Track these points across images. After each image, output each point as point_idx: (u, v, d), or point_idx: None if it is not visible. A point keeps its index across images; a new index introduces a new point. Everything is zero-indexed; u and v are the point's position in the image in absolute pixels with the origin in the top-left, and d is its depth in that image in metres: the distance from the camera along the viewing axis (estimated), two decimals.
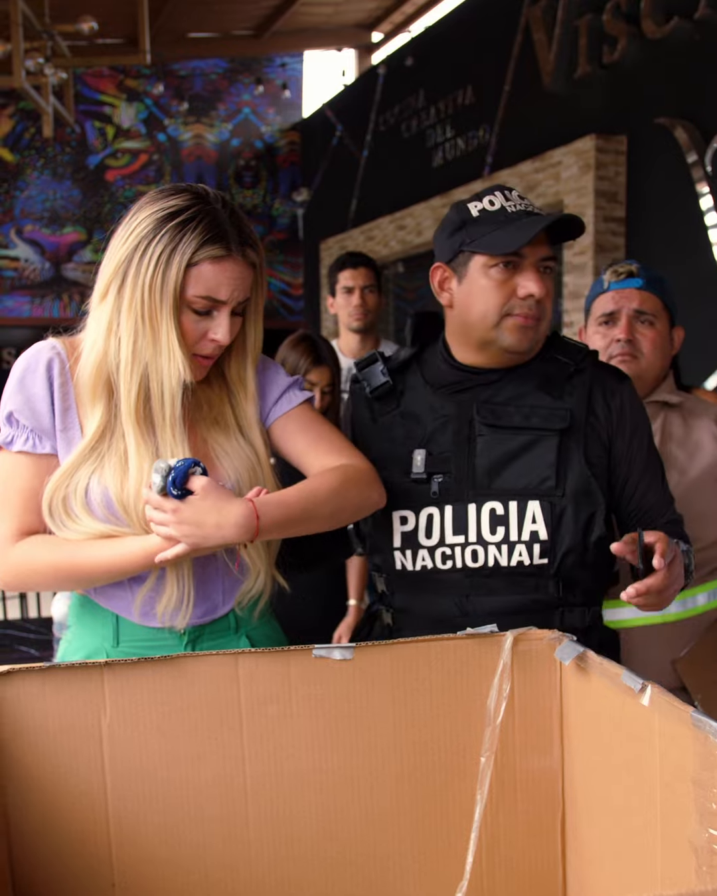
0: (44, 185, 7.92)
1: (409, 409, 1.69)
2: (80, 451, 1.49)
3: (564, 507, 1.60)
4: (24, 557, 1.48)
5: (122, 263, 1.46)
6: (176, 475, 1.37)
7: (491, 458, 1.62)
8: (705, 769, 0.98)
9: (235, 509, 1.39)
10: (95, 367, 1.48)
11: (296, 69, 8.53)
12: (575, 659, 1.26)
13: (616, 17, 4.56)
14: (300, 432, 1.60)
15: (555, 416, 1.61)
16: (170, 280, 1.43)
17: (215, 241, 1.45)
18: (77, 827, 1.27)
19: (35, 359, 1.52)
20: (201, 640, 1.55)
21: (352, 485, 1.53)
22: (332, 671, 1.31)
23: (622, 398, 1.67)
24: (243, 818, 1.30)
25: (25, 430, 1.50)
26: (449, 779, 1.34)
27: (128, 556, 1.45)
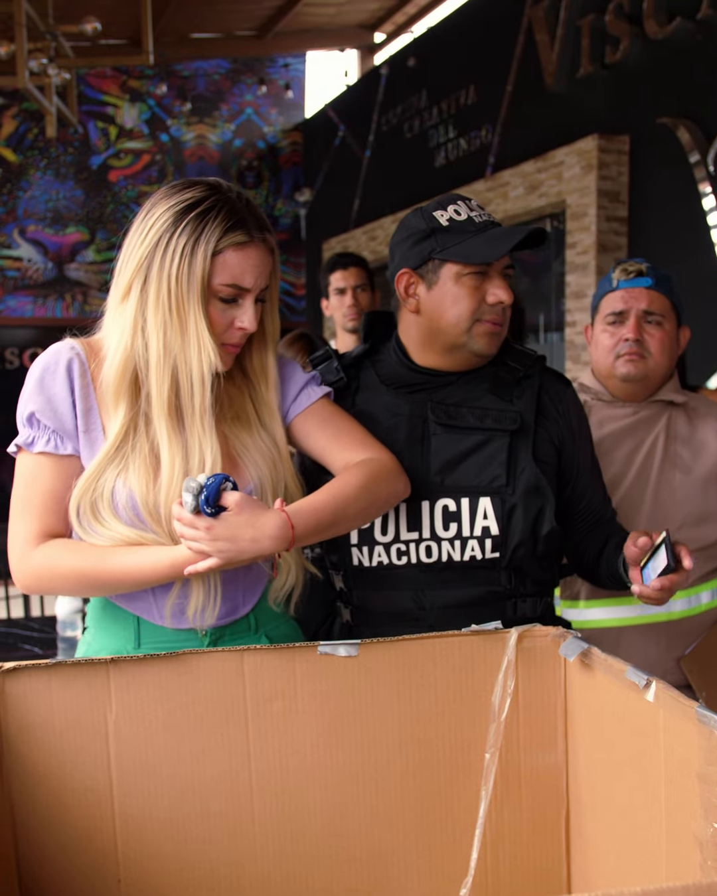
0: (47, 185, 7.93)
1: (364, 408, 1.72)
2: (106, 453, 1.49)
3: (514, 503, 1.65)
4: (48, 561, 1.48)
5: (143, 260, 1.47)
6: (209, 493, 1.36)
7: (444, 457, 1.66)
8: (709, 764, 0.99)
9: (270, 522, 1.39)
10: (122, 366, 1.48)
11: (299, 69, 8.53)
12: (580, 655, 1.27)
13: (619, 17, 4.56)
14: (320, 428, 1.61)
15: (506, 418, 1.67)
16: (196, 270, 1.45)
17: (237, 227, 1.46)
18: (83, 823, 1.28)
19: (55, 359, 1.51)
20: (222, 640, 1.56)
21: (379, 480, 1.54)
22: (337, 668, 1.31)
23: (567, 403, 1.76)
24: (249, 814, 1.31)
25: (47, 431, 1.50)
26: (454, 775, 1.35)
27: (156, 566, 1.44)
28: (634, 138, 4.66)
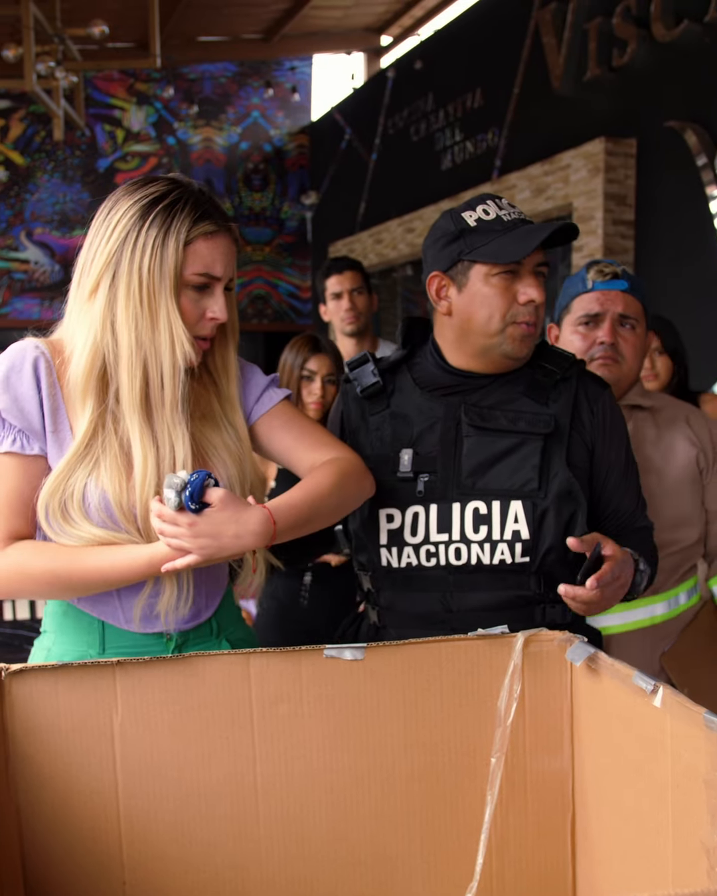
0: (54, 187, 7.94)
1: (398, 410, 1.73)
2: (74, 451, 1.47)
3: (546, 507, 1.63)
4: (17, 564, 1.44)
5: (112, 256, 1.46)
6: (193, 489, 1.35)
7: (477, 460, 1.66)
8: (716, 770, 0.98)
9: (253, 518, 1.39)
10: (89, 363, 1.46)
11: (305, 73, 8.54)
12: (586, 660, 1.27)
13: (626, 20, 4.56)
14: (284, 429, 1.61)
15: (540, 421, 1.66)
16: (168, 260, 1.45)
17: (204, 218, 1.47)
18: (88, 824, 1.28)
19: (20, 358, 1.49)
20: (187, 645, 1.55)
21: (349, 478, 1.56)
22: (343, 671, 1.31)
23: (604, 405, 1.72)
24: (254, 817, 1.31)
25: (13, 431, 1.47)
26: (459, 779, 1.34)
27: (132, 564, 1.43)
28: (641, 141, 4.66)
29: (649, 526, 1.77)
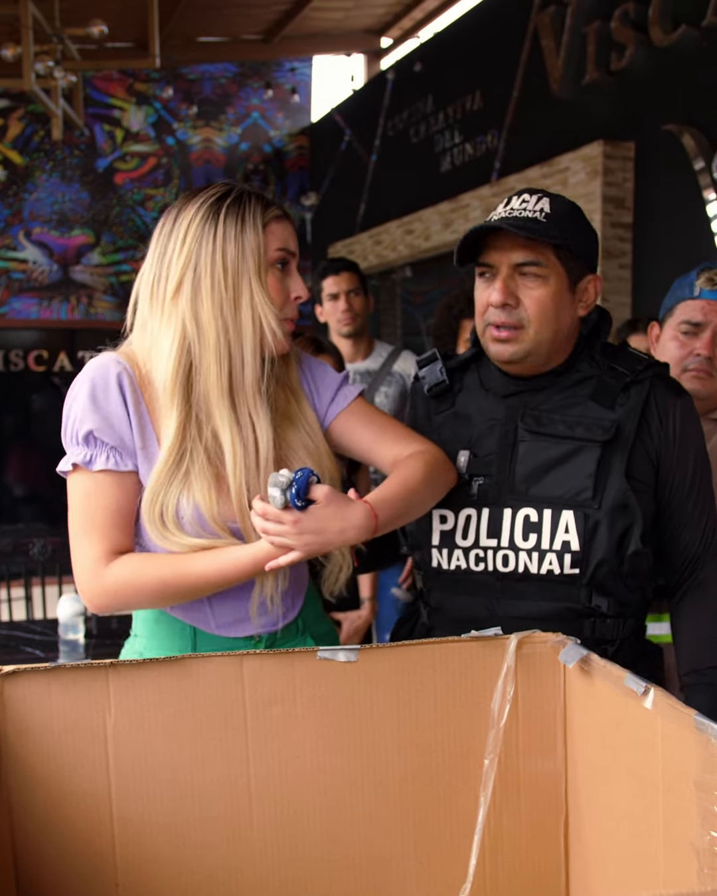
0: (52, 187, 7.94)
1: (462, 410, 1.71)
2: (164, 462, 1.48)
3: (599, 519, 1.57)
4: (125, 576, 1.47)
5: (190, 255, 1.49)
6: (299, 487, 1.37)
7: (531, 465, 1.61)
8: (707, 772, 0.99)
9: (356, 512, 1.42)
10: (176, 362, 1.48)
11: (305, 74, 8.54)
12: (579, 662, 1.27)
13: (624, 24, 4.56)
14: (364, 425, 1.63)
15: (600, 428, 1.59)
16: (250, 242, 1.49)
17: (270, 205, 1.54)
18: (81, 826, 1.28)
19: (103, 374, 1.50)
20: (276, 645, 1.59)
21: (437, 469, 1.58)
22: (336, 673, 1.31)
23: (675, 416, 1.62)
24: (247, 819, 1.31)
25: (105, 448, 1.49)
26: (453, 781, 1.35)
27: (238, 565, 1.45)
28: (639, 145, 4.66)
29: (711, 558, 1.63)
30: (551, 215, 1.59)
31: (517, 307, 1.59)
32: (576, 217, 1.64)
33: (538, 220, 1.58)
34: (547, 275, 1.59)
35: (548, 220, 1.58)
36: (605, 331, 1.68)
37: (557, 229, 1.58)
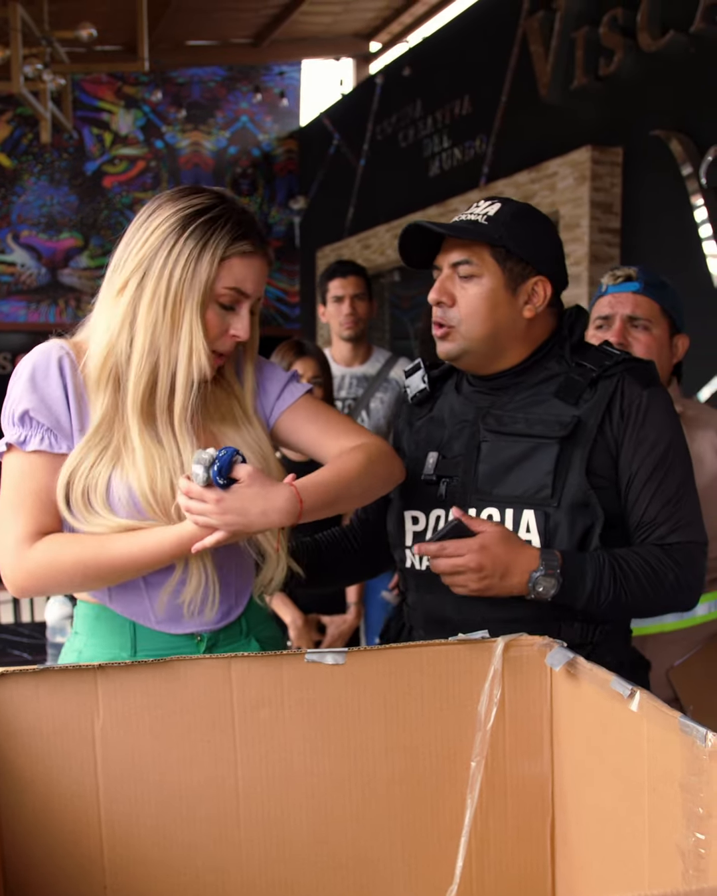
0: (41, 190, 7.92)
1: (437, 414, 1.74)
2: (85, 444, 1.48)
3: (559, 518, 1.57)
4: (47, 557, 1.46)
5: (145, 259, 1.48)
6: (221, 464, 1.37)
7: (492, 465, 1.62)
8: (692, 774, 0.99)
9: (279, 494, 1.41)
10: (103, 357, 1.49)
11: (294, 78, 8.55)
12: (565, 665, 1.27)
13: (613, 29, 4.58)
14: (309, 421, 1.63)
15: (558, 424, 1.58)
16: (201, 273, 1.47)
17: (244, 238, 1.50)
18: (69, 828, 1.28)
19: (45, 358, 1.51)
20: (217, 645, 1.57)
21: (377, 461, 1.57)
22: (324, 676, 1.31)
23: (637, 406, 1.59)
24: (235, 821, 1.31)
25: (41, 429, 1.49)
26: (439, 783, 1.35)
27: (162, 546, 1.44)
28: (627, 150, 4.68)
29: (682, 543, 1.58)
30: (493, 218, 1.63)
31: (452, 306, 1.64)
32: (523, 221, 1.65)
33: (478, 222, 1.63)
34: (480, 273, 1.62)
35: (488, 223, 1.62)
36: (579, 329, 1.68)
37: (494, 230, 1.61)
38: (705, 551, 1.61)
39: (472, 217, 1.64)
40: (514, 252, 1.62)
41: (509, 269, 1.62)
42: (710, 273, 4.20)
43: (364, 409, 3.57)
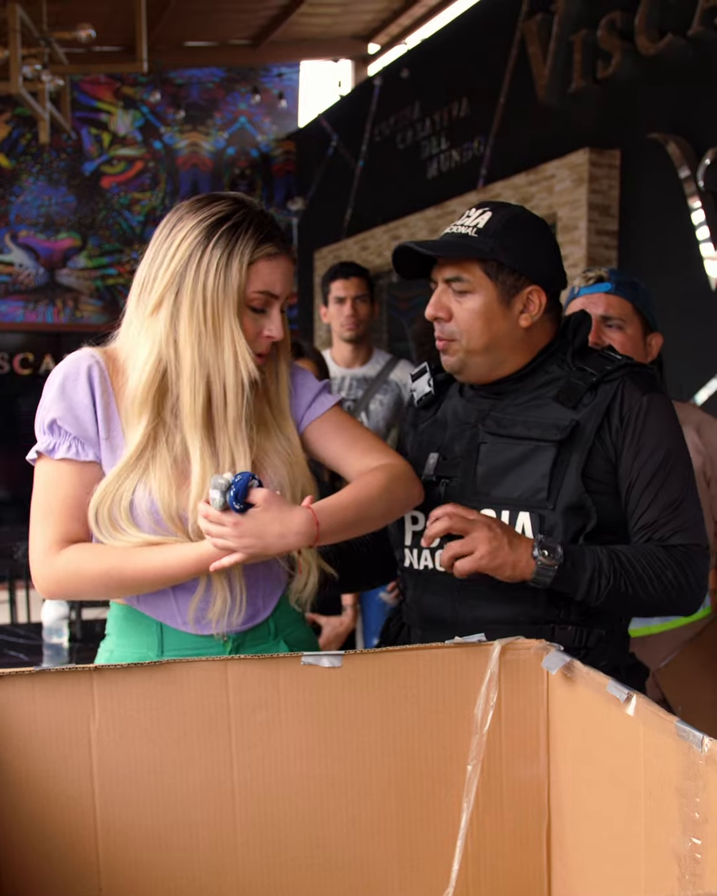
0: (39, 190, 7.92)
1: (441, 417, 1.75)
2: (126, 462, 1.50)
3: (554, 521, 1.57)
4: (72, 564, 1.49)
5: (176, 274, 1.49)
6: (238, 489, 1.39)
7: (490, 466, 1.63)
8: (688, 779, 0.99)
9: (296, 518, 1.43)
10: (151, 379, 1.50)
11: (292, 79, 8.55)
12: (562, 668, 1.28)
13: (611, 32, 4.59)
14: (336, 435, 1.64)
15: (556, 428, 1.59)
16: (232, 280, 1.48)
17: (268, 240, 1.51)
18: (65, 831, 1.28)
19: (75, 367, 1.53)
20: (244, 646, 1.58)
21: (398, 483, 1.58)
22: (320, 679, 1.31)
23: (637, 411, 1.59)
24: (231, 824, 1.31)
25: (68, 438, 1.51)
26: (436, 786, 1.35)
27: (181, 562, 1.46)
28: (625, 153, 4.69)
29: (684, 545, 1.57)
30: (483, 230, 1.62)
31: (449, 320, 1.65)
32: (514, 230, 1.64)
33: (468, 235, 1.63)
34: (473, 289, 1.63)
35: (479, 235, 1.62)
36: (582, 333, 1.69)
37: (484, 244, 1.61)
38: (707, 554, 1.60)
39: (462, 230, 1.64)
40: (506, 265, 1.62)
41: (502, 281, 1.62)
42: (707, 275, 4.20)
43: (363, 411, 3.57)
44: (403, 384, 3.57)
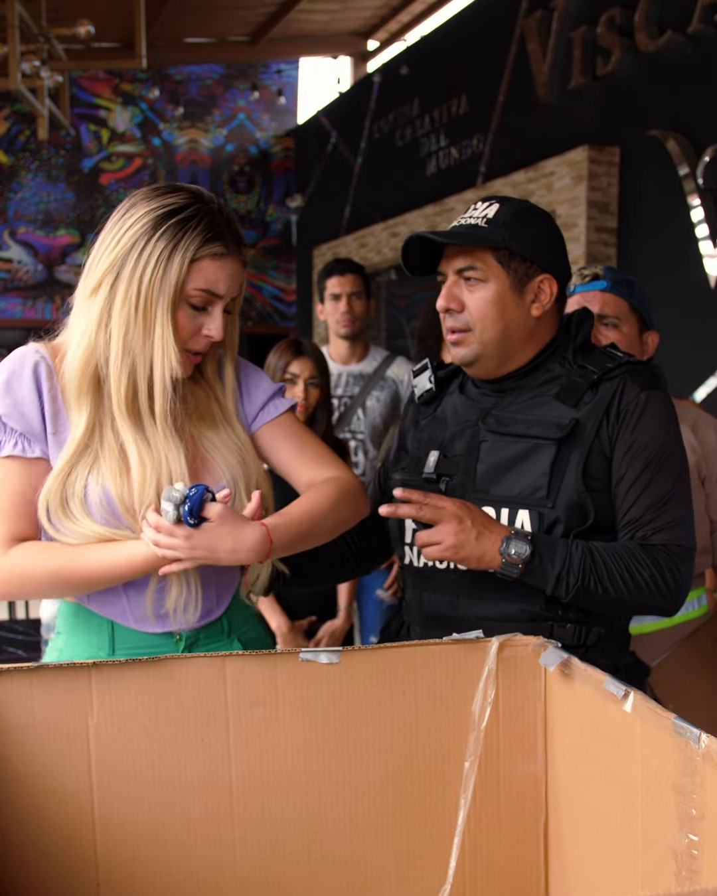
0: (38, 187, 7.92)
1: (441, 413, 1.75)
2: (72, 450, 1.48)
3: (554, 518, 1.57)
4: (19, 564, 1.46)
5: (117, 259, 1.47)
6: (193, 504, 1.36)
7: (491, 465, 1.63)
8: (685, 775, 0.99)
9: (250, 535, 1.41)
10: (83, 361, 1.48)
11: (291, 76, 8.55)
12: (560, 665, 1.27)
13: (610, 29, 4.59)
14: (286, 441, 1.62)
15: (556, 426, 1.59)
16: (171, 275, 1.46)
17: (216, 239, 1.48)
18: (63, 826, 1.28)
19: (20, 363, 1.51)
20: (197, 645, 1.57)
21: (346, 498, 1.57)
22: (318, 675, 1.31)
23: (633, 409, 1.59)
24: (229, 819, 1.31)
25: (14, 434, 1.49)
26: (433, 783, 1.35)
27: (130, 561, 1.44)
28: (624, 150, 4.69)
29: (665, 544, 1.56)
30: (493, 220, 1.63)
31: (462, 311, 1.64)
32: (523, 220, 1.64)
33: (479, 225, 1.63)
34: (486, 278, 1.62)
35: (489, 225, 1.62)
36: (584, 331, 1.68)
37: (496, 233, 1.61)
38: (690, 556, 1.59)
39: (472, 221, 1.64)
40: (517, 253, 1.62)
41: (514, 270, 1.63)
42: (706, 273, 4.20)
43: (360, 408, 3.57)
44: (399, 381, 3.57)
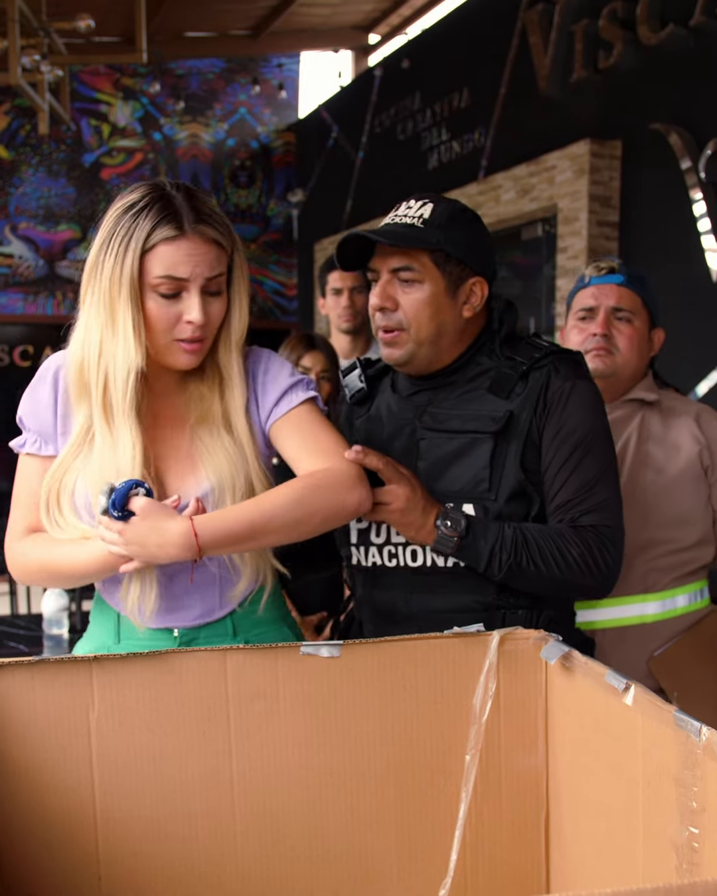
0: (38, 182, 7.90)
1: (375, 413, 1.75)
2: (68, 450, 1.55)
3: (498, 510, 1.60)
4: (21, 554, 1.58)
5: (92, 265, 1.51)
6: (116, 497, 1.41)
7: (431, 462, 1.65)
8: (686, 768, 1.00)
9: (173, 530, 1.42)
10: (76, 364, 1.54)
11: (292, 70, 8.53)
12: (560, 658, 1.28)
13: (612, 22, 4.57)
14: (293, 435, 1.58)
15: (491, 419, 1.61)
16: (126, 268, 1.46)
17: (166, 222, 1.46)
18: (64, 820, 1.28)
19: (46, 367, 1.60)
20: (196, 643, 1.58)
21: (320, 492, 1.49)
22: (319, 668, 1.32)
23: (561, 394, 1.61)
24: (230, 813, 1.31)
25: (32, 433, 1.60)
26: (434, 776, 1.35)
27: (91, 560, 1.50)
28: (626, 143, 4.68)
29: (594, 525, 1.59)
30: (429, 220, 1.63)
31: (396, 310, 1.64)
32: (458, 222, 1.65)
33: (415, 225, 1.63)
34: (422, 279, 1.63)
35: (425, 226, 1.62)
36: (508, 322, 1.69)
37: (432, 235, 1.62)
38: (619, 537, 1.61)
39: (407, 220, 1.64)
40: (452, 255, 1.63)
41: (449, 272, 1.64)
42: (708, 267, 4.19)
43: None
44: None
